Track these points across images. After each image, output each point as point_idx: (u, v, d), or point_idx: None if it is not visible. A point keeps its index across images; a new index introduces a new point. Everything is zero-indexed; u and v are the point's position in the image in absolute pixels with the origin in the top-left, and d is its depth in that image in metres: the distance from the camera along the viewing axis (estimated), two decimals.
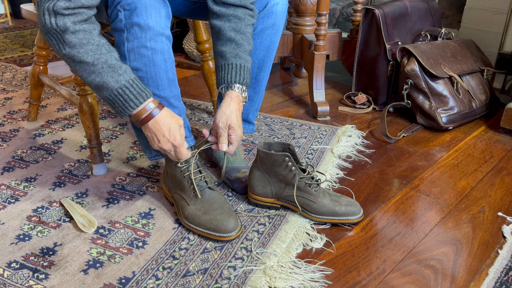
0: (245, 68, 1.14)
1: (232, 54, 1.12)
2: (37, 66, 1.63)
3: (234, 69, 1.13)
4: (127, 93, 0.99)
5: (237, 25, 1.12)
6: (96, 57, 0.96)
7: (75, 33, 0.93)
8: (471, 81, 1.86)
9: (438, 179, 1.44)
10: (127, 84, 0.99)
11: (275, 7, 1.25)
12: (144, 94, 1.01)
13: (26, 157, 1.49)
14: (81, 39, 0.94)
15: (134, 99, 1.00)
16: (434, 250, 1.12)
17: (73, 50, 0.95)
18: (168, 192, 1.25)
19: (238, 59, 1.12)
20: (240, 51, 1.13)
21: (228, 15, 1.12)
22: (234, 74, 1.13)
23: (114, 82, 0.98)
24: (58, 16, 0.92)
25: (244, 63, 1.13)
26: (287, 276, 1.01)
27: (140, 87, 1.00)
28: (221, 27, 1.13)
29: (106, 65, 0.97)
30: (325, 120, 1.85)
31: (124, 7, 0.98)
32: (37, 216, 1.20)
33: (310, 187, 1.18)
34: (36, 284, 0.98)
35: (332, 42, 2.06)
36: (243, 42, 1.13)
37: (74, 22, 0.93)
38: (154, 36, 1.01)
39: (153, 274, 1.01)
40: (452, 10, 2.30)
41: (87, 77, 0.98)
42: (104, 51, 0.97)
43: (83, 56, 0.95)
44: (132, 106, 1.00)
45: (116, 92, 0.99)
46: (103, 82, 0.98)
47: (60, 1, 0.90)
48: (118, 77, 0.98)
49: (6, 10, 3.32)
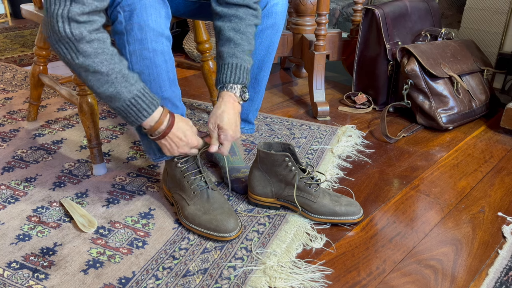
0: (241, 68, 1.12)
1: (229, 54, 1.12)
2: (37, 66, 1.63)
3: (229, 68, 1.12)
4: (139, 103, 0.99)
5: (237, 25, 1.12)
6: (111, 67, 0.95)
7: (90, 42, 0.92)
8: (471, 81, 1.86)
9: (438, 179, 1.44)
10: (139, 94, 0.99)
11: (275, 7, 1.25)
12: (155, 102, 1.02)
13: (26, 157, 1.49)
14: (96, 49, 0.93)
15: (147, 108, 1.00)
16: (434, 250, 1.12)
17: (88, 60, 0.93)
18: (168, 192, 1.25)
19: (234, 59, 1.11)
20: (237, 50, 1.12)
21: (230, 15, 1.12)
22: (229, 74, 1.12)
23: (127, 92, 0.97)
24: (72, 24, 0.89)
25: (241, 63, 1.12)
26: (287, 276, 1.01)
27: (150, 95, 1.01)
28: (221, 27, 1.13)
29: (120, 75, 0.96)
30: (325, 120, 1.85)
31: (124, 8, 0.98)
32: (37, 216, 1.20)
33: (310, 187, 1.18)
34: (36, 284, 0.98)
35: (332, 42, 2.06)
36: (242, 42, 1.12)
37: (89, 31, 0.91)
38: (154, 37, 1.01)
39: (153, 274, 1.01)
40: (452, 10, 2.30)
41: (99, 87, 0.97)
42: (117, 61, 0.96)
43: (97, 66, 0.94)
44: (145, 115, 1.01)
45: (129, 102, 0.99)
46: (117, 92, 0.97)
47: (73, 6, 0.88)
48: (131, 86, 0.98)
49: (6, 10, 3.32)
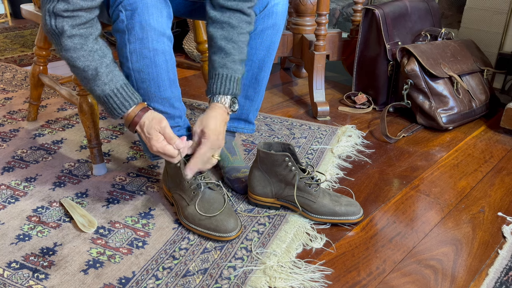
0: (232, 79, 1.12)
1: (220, 64, 1.12)
2: (37, 66, 1.63)
3: (220, 79, 1.12)
4: (111, 102, 1.02)
5: (229, 34, 1.11)
6: (87, 64, 0.99)
7: (71, 37, 0.96)
8: (471, 81, 1.86)
9: (438, 179, 1.44)
10: (111, 94, 1.01)
11: (276, 7, 1.25)
12: (132, 100, 1.03)
13: (26, 157, 1.49)
14: (75, 44, 0.97)
15: (117, 108, 1.03)
16: (434, 250, 1.12)
17: (67, 54, 0.98)
18: (168, 192, 1.25)
19: (225, 69, 1.11)
20: (228, 61, 1.11)
21: (222, 22, 1.11)
22: (219, 85, 1.12)
23: (100, 90, 1.01)
24: (57, 18, 0.94)
25: (231, 73, 1.12)
26: (287, 276, 1.01)
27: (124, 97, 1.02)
28: (213, 34, 1.12)
29: (95, 73, 0.99)
30: (325, 120, 1.85)
31: (125, 7, 0.98)
32: (37, 216, 1.20)
33: (310, 187, 1.18)
34: (36, 284, 0.98)
35: (332, 42, 2.06)
36: (233, 51, 1.11)
37: (72, 26, 0.95)
38: (156, 37, 1.01)
39: (153, 274, 1.01)
40: (452, 10, 2.30)
41: (80, 80, 1.03)
42: (96, 57, 0.99)
43: (75, 60, 0.98)
44: (119, 113, 1.04)
45: (103, 100, 1.03)
46: (90, 88, 1.02)
47: (59, 3, 0.92)
48: (104, 86, 1.01)
49: (6, 10, 3.32)
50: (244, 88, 1.34)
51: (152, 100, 1.08)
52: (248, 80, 1.33)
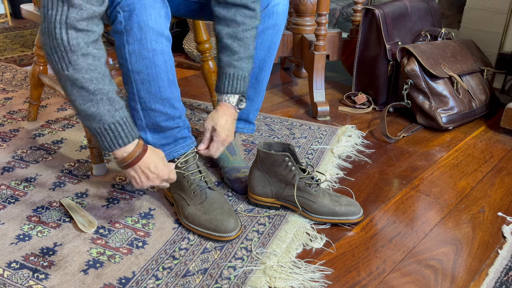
0: (238, 77, 1.14)
1: (226, 63, 1.14)
2: (37, 66, 1.63)
3: (227, 78, 1.15)
4: (118, 130, 0.96)
5: (233, 31, 1.13)
6: (99, 87, 0.92)
7: (85, 56, 0.89)
8: (471, 81, 1.86)
9: (438, 179, 1.44)
10: (121, 121, 0.96)
11: (276, 7, 1.25)
12: (134, 134, 0.99)
13: (26, 157, 1.49)
14: (89, 64, 0.90)
15: (124, 137, 0.97)
16: (434, 250, 1.12)
17: (77, 74, 0.90)
18: (168, 192, 1.25)
19: (232, 68, 1.14)
20: (234, 59, 1.13)
21: (227, 19, 1.12)
22: (226, 84, 1.15)
23: (109, 116, 0.95)
24: (70, 31, 0.86)
25: (237, 72, 1.14)
26: (287, 276, 1.01)
27: (131, 126, 0.98)
28: (220, 32, 1.14)
29: (106, 97, 0.93)
30: (325, 120, 1.85)
31: (123, 8, 0.98)
32: (37, 216, 1.20)
33: (310, 187, 1.18)
34: (36, 284, 0.98)
35: (332, 42, 2.06)
36: (239, 49, 1.13)
37: (87, 43, 0.89)
38: (154, 37, 1.01)
39: (153, 274, 1.01)
40: (452, 10, 2.30)
41: (81, 103, 0.93)
42: (107, 82, 0.93)
43: (86, 82, 0.91)
44: (120, 144, 0.98)
45: (108, 127, 0.95)
46: (98, 113, 0.94)
47: (71, 11, 0.85)
48: (114, 112, 0.95)
49: (6, 10, 3.32)
50: None
51: (152, 101, 1.08)
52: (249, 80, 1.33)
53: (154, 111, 1.09)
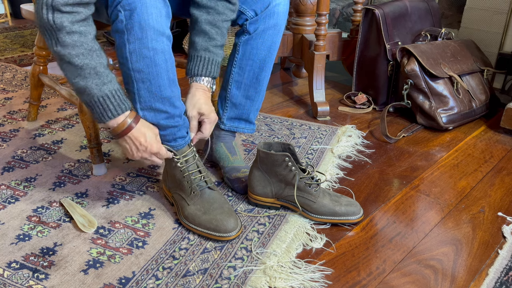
0: (213, 62, 1.19)
1: (203, 47, 1.17)
2: (37, 66, 1.63)
3: (202, 62, 1.18)
4: (107, 103, 1.01)
5: (213, 19, 1.16)
6: (86, 62, 0.96)
7: (70, 34, 0.93)
8: (471, 81, 1.86)
9: (438, 179, 1.44)
10: (109, 94, 1.00)
11: (277, 7, 1.26)
12: (124, 106, 1.03)
13: (26, 157, 1.49)
14: (75, 41, 0.94)
15: (113, 109, 1.02)
16: (434, 250, 1.12)
17: (64, 50, 0.94)
18: (168, 192, 1.25)
19: (207, 53, 1.17)
20: (210, 45, 1.17)
21: (208, 7, 1.15)
22: (201, 67, 1.18)
23: (97, 90, 0.99)
24: (56, 13, 0.91)
25: (213, 57, 1.18)
26: (287, 276, 1.01)
27: (121, 99, 1.03)
28: (198, 17, 1.16)
29: (94, 72, 0.97)
30: (325, 120, 1.85)
31: (124, 7, 0.98)
32: (37, 216, 1.20)
33: (310, 187, 1.18)
34: (36, 284, 0.98)
35: (332, 42, 2.06)
36: (216, 36, 1.17)
37: (71, 22, 0.93)
38: (155, 36, 1.01)
39: (153, 274, 1.01)
40: (452, 10, 2.30)
41: (71, 78, 0.99)
42: (94, 57, 0.97)
43: (73, 58, 0.95)
44: (109, 116, 1.02)
45: (97, 99, 1.00)
46: (86, 87, 0.98)
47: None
48: (102, 86, 0.99)
49: (6, 10, 3.32)
50: (245, 88, 1.34)
51: (152, 100, 1.08)
52: (249, 80, 1.33)
53: (155, 110, 1.09)
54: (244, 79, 1.33)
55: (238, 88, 1.34)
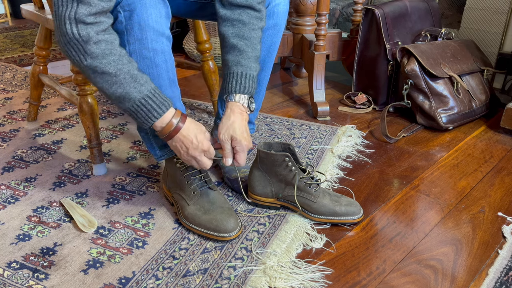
0: (247, 76, 1.09)
1: (234, 62, 1.09)
2: (37, 66, 1.63)
3: (235, 78, 1.09)
4: (150, 103, 0.98)
5: (240, 31, 1.09)
6: (119, 68, 0.94)
7: (97, 43, 0.92)
8: (471, 81, 1.86)
9: (438, 179, 1.44)
10: (150, 94, 0.98)
11: (277, 7, 1.25)
12: (166, 103, 1.00)
13: (26, 157, 1.49)
14: (103, 50, 0.93)
15: (157, 108, 0.99)
16: (434, 250, 1.12)
17: (95, 61, 0.93)
18: (168, 192, 1.25)
19: (239, 67, 1.09)
20: (242, 58, 1.09)
21: (233, 19, 1.10)
22: (234, 84, 1.10)
23: (137, 92, 0.97)
24: (80, 25, 0.90)
25: (246, 71, 1.09)
26: (287, 276, 1.01)
27: (161, 96, 1.00)
28: (225, 33, 1.10)
29: (129, 76, 0.95)
30: (325, 120, 1.85)
31: (124, 8, 0.98)
32: (37, 216, 1.20)
33: (310, 187, 1.18)
34: (36, 284, 0.98)
35: (332, 42, 2.06)
36: (246, 48, 1.09)
37: (96, 32, 0.92)
38: (155, 37, 1.01)
39: (153, 274, 1.01)
40: (452, 10, 2.30)
41: (108, 88, 0.96)
42: (125, 61, 0.96)
43: (105, 66, 0.94)
44: (156, 116, 1.00)
45: (139, 103, 0.97)
46: (126, 93, 0.96)
47: (80, 7, 0.89)
48: (140, 87, 0.97)
49: (6, 10, 3.32)
50: None
51: None
52: None
53: None
54: None
55: None
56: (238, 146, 1.08)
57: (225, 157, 1.10)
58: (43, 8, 1.51)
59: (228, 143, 1.09)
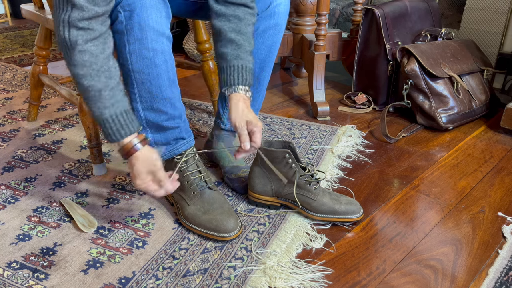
0: (247, 69, 1.12)
1: (233, 56, 1.11)
2: (37, 66, 1.63)
3: (236, 70, 1.11)
4: (107, 127, 0.99)
5: (237, 26, 1.11)
6: (92, 84, 0.95)
7: (81, 53, 0.93)
8: (471, 81, 1.86)
9: (438, 179, 1.44)
10: (110, 119, 0.98)
11: (278, 7, 1.25)
12: (123, 132, 1.00)
13: (26, 157, 1.49)
14: (84, 61, 0.94)
15: (112, 134, 0.99)
16: (434, 250, 1.12)
17: (74, 69, 0.95)
18: None
19: (240, 60, 1.11)
20: (241, 52, 1.11)
21: (228, 15, 1.11)
22: (236, 76, 1.11)
23: (98, 113, 0.98)
24: (72, 29, 0.91)
25: (246, 64, 1.12)
26: (287, 276, 1.01)
27: (121, 123, 0.99)
28: (221, 28, 1.11)
29: (98, 94, 0.96)
30: (325, 120, 1.85)
31: (124, 8, 0.98)
32: (37, 216, 1.20)
33: (310, 184, 1.18)
34: (36, 284, 0.98)
35: (332, 42, 2.06)
36: (244, 42, 1.11)
37: (85, 40, 0.93)
38: (155, 37, 1.01)
39: (153, 274, 1.01)
40: (452, 10, 2.30)
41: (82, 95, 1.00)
42: (102, 79, 0.96)
43: (80, 79, 0.95)
44: (114, 139, 1.00)
45: (101, 121, 0.99)
46: (90, 107, 0.99)
47: (74, 11, 0.90)
48: (104, 109, 0.97)
49: (6, 10, 3.32)
50: None
51: (153, 101, 1.08)
52: None
53: (155, 111, 1.09)
54: None
55: None
56: (254, 127, 1.09)
57: (243, 142, 1.09)
58: (43, 8, 1.51)
59: (245, 129, 1.09)
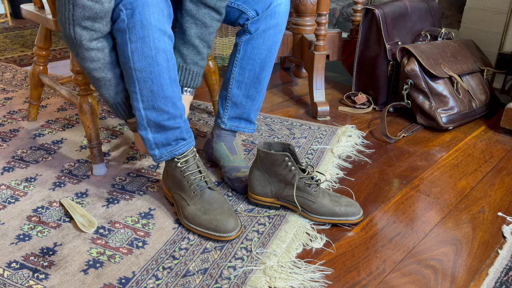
0: (200, 74, 1.25)
1: (193, 61, 1.21)
2: (37, 66, 1.63)
3: (191, 75, 1.23)
4: (119, 109, 1.20)
5: (202, 32, 1.19)
6: (102, 75, 1.09)
7: (88, 50, 1.04)
8: (471, 81, 1.86)
9: (438, 179, 1.44)
10: (121, 102, 1.18)
11: (278, 7, 1.26)
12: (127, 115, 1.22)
13: (26, 157, 1.49)
14: (92, 57, 1.05)
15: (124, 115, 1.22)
16: (434, 250, 1.12)
17: (83, 63, 1.07)
18: (168, 192, 1.25)
19: (196, 67, 1.22)
20: (199, 59, 1.22)
21: (196, 18, 1.17)
22: (189, 80, 1.23)
23: (111, 99, 1.16)
24: (76, 27, 0.99)
25: (200, 70, 1.24)
26: (287, 276, 1.01)
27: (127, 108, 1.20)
28: (187, 30, 1.18)
29: (109, 83, 1.12)
30: (325, 120, 1.85)
31: (126, 6, 0.98)
32: (37, 216, 1.20)
33: (309, 187, 1.18)
34: (36, 284, 0.98)
35: (332, 42, 2.06)
36: (204, 50, 1.21)
37: (89, 40, 1.02)
38: (157, 35, 1.01)
39: (153, 274, 1.01)
40: (452, 10, 2.30)
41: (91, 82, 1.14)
42: (110, 69, 1.09)
43: (91, 72, 1.08)
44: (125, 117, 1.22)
45: (112, 106, 1.19)
46: (102, 94, 1.15)
47: (75, 10, 0.96)
48: (115, 95, 1.15)
49: (6, 10, 3.32)
50: (246, 88, 1.34)
51: (154, 99, 1.08)
52: (250, 79, 1.33)
53: (157, 110, 1.09)
54: (244, 79, 1.33)
55: (239, 87, 1.34)
56: None
57: None
58: (43, 8, 1.51)
59: None
